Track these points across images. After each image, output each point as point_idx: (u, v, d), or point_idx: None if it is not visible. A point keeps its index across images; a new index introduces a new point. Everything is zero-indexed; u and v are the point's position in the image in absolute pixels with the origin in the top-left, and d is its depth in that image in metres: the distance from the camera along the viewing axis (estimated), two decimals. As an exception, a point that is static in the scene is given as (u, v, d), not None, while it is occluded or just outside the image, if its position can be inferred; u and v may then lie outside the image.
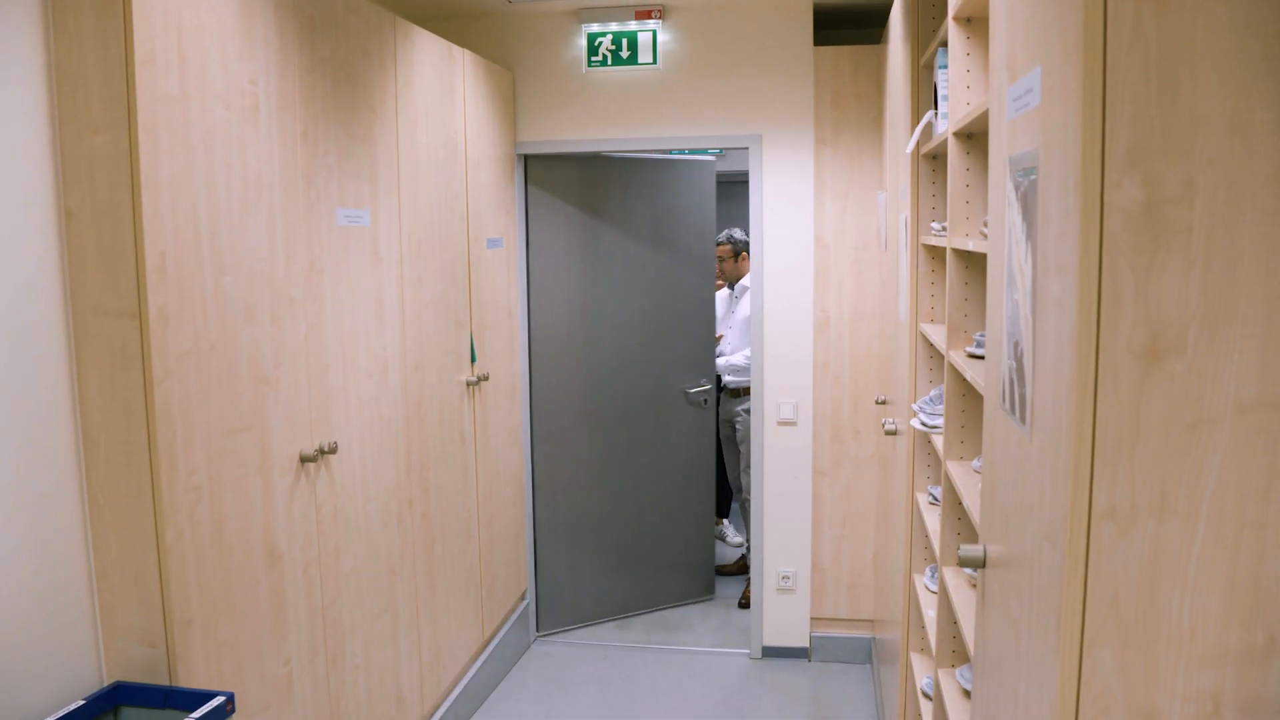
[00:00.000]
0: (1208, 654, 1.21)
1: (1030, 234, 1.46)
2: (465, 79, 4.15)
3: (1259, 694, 1.21)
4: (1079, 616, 1.24)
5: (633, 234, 5.23)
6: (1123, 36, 1.16)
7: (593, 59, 4.69)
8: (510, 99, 4.72)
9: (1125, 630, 1.23)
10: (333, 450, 2.94)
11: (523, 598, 5.04)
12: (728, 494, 6.65)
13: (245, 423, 2.55)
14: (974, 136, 2.54)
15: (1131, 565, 1.22)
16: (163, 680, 2.30)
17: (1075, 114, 1.20)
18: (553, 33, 4.72)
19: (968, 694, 2.44)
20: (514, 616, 4.87)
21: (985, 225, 2.31)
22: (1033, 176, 1.44)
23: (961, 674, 2.52)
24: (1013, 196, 1.58)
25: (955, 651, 2.64)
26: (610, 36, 4.66)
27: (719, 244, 5.87)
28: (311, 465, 2.87)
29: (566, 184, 5.04)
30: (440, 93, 3.88)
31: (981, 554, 1.81)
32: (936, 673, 2.64)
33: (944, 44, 2.76)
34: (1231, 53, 1.14)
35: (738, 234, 5.87)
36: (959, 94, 2.55)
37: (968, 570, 2.51)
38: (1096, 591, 1.23)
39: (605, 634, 5.24)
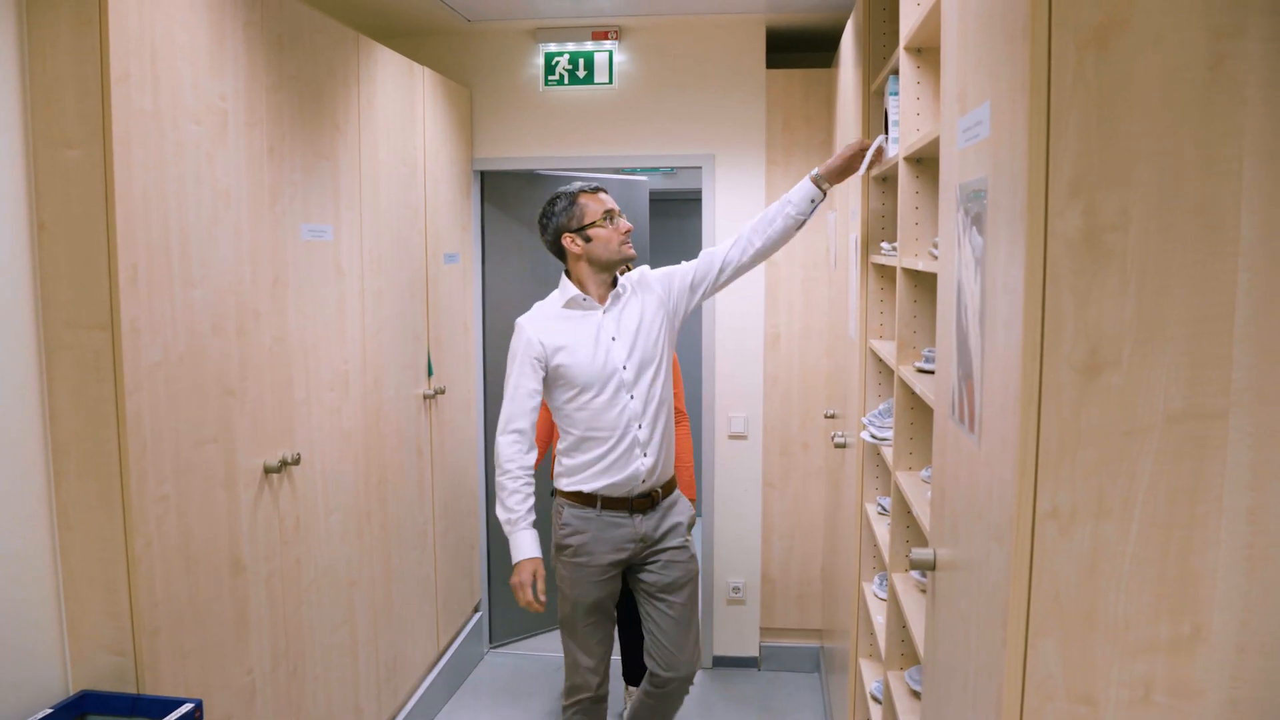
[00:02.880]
0: (1140, 644, 1.32)
1: (979, 256, 1.57)
2: (425, 96, 4.21)
3: (1186, 680, 1.32)
4: (1024, 611, 1.34)
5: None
6: (1065, 78, 1.27)
7: (549, 78, 4.78)
8: (468, 116, 4.79)
9: (1066, 623, 1.33)
10: (296, 461, 2.98)
11: (476, 609, 5.08)
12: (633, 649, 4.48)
13: (212, 434, 2.59)
14: (923, 161, 2.66)
15: (1072, 563, 1.32)
16: (130, 689, 2.32)
17: (1022, 148, 1.31)
18: (510, 51, 4.80)
19: (916, 695, 2.54)
20: (467, 628, 4.91)
21: (934, 246, 2.43)
22: (982, 201, 1.55)
23: (910, 675, 2.62)
24: (962, 220, 1.69)
25: (904, 654, 2.74)
26: (567, 56, 4.75)
27: None
28: (275, 476, 2.91)
29: (519, 200, 5.10)
30: (401, 110, 3.94)
31: (932, 557, 1.91)
32: (886, 675, 2.74)
33: (895, 71, 2.89)
34: (1163, 95, 1.25)
35: None
36: (909, 120, 2.67)
37: (916, 574, 2.62)
38: (1040, 587, 1.33)
39: (557, 644, 5.27)
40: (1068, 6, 1.26)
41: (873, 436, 3.04)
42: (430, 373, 4.30)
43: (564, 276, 3.28)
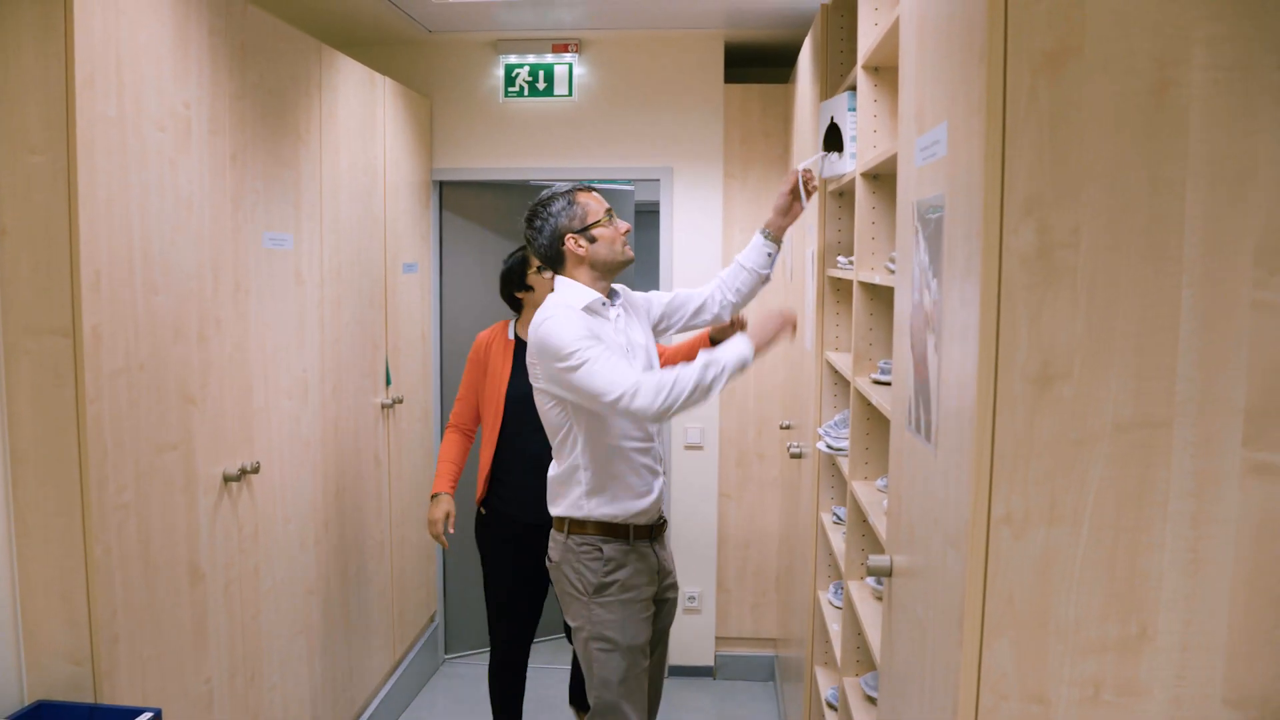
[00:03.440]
0: (1090, 643, 1.38)
1: (936, 270, 1.63)
2: (386, 106, 4.22)
3: (1133, 678, 1.38)
4: (979, 613, 1.39)
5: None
6: (1020, 101, 1.33)
7: (510, 89, 4.80)
8: (427, 126, 4.80)
9: (1020, 624, 1.39)
10: (255, 470, 2.97)
11: (432, 619, 5.07)
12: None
13: (172, 441, 2.58)
14: (880, 177, 2.73)
15: (1025, 566, 1.38)
16: (87, 698, 2.30)
17: (978, 167, 1.36)
18: (471, 63, 4.82)
19: (872, 700, 2.59)
20: (424, 638, 4.90)
21: (891, 261, 2.49)
22: (939, 215, 1.61)
23: (865, 681, 2.67)
24: (920, 234, 1.74)
25: (860, 661, 2.79)
26: (527, 68, 4.78)
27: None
28: (234, 484, 2.90)
29: (482, 210, 5.12)
30: (362, 119, 3.95)
31: (889, 564, 1.96)
32: (842, 681, 2.79)
33: (852, 88, 2.95)
34: (1112, 119, 1.32)
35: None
36: (866, 137, 2.73)
37: (872, 581, 2.67)
38: (995, 590, 1.39)
39: (513, 655, 5.29)
40: (1023, 32, 1.32)
41: (829, 447, 3.10)
42: (388, 382, 4.30)
43: (561, 280, 2.89)
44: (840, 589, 3.22)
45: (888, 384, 2.54)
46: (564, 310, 2.76)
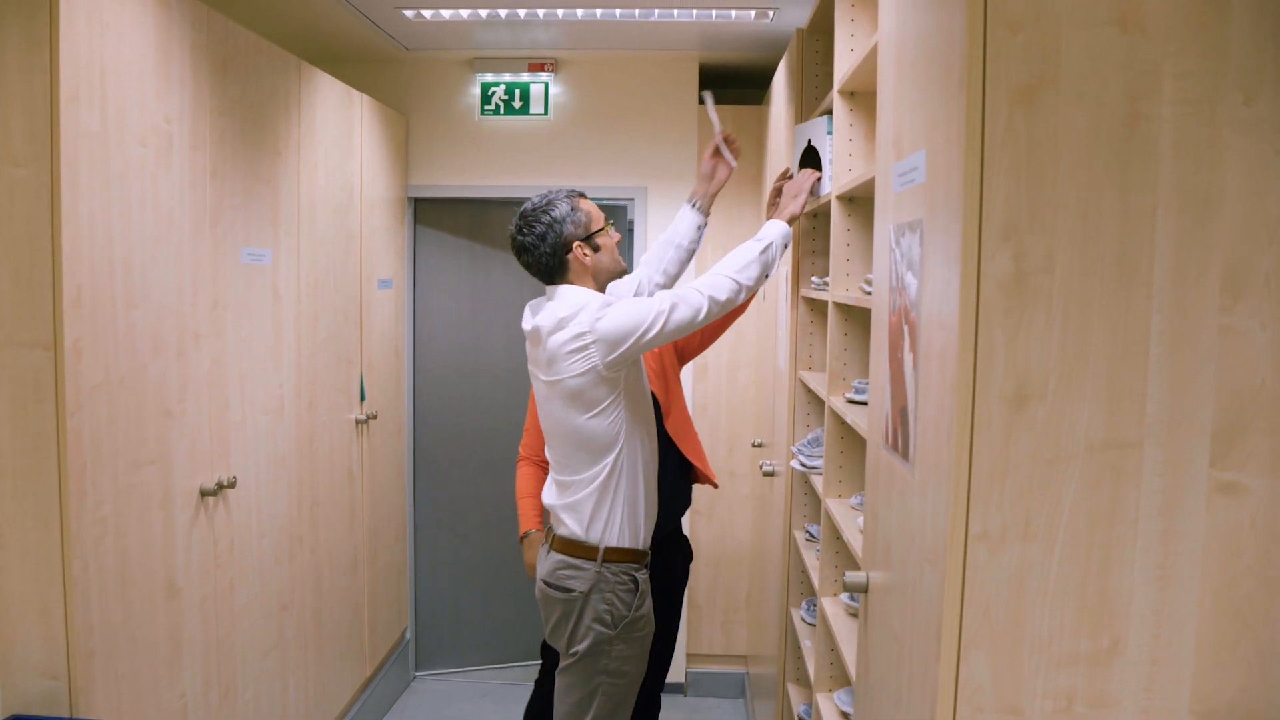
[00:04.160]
0: (1063, 657, 1.42)
1: (914, 295, 1.67)
2: (363, 122, 4.24)
3: (1104, 691, 1.42)
4: (956, 627, 1.43)
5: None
6: (997, 131, 1.38)
7: (485, 108, 4.83)
8: (403, 143, 4.82)
9: (995, 638, 1.43)
10: (232, 485, 2.97)
11: (403, 635, 5.06)
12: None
13: (150, 456, 2.58)
14: (855, 200, 2.78)
15: (1001, 581, 1.42)
16: (63, 713, 2.29)
17: (957, 194, 1.41)
18: (447, 81, 4.85)
19: (846, 716, 2.62)
20: (395, 654, 4.88)
21: (866, 282, 2.54)
22: (918, 238, 1.65)
23: (839, 697, 2.70)
24: (899, 255, 1.79)
25: (833, 677, 2.82)
26: (503, 87, 4.81)
27: None
28: (211, 499, 2.89)
29: (456, 226, 5.14)
30: (339, 136, 3.96)
31: (865, 580, 2.00)
32: (815, 698, 2.82)
33: (827, 112, 3.01)
34: (1086, 149, 1.37)
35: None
36: (842, 160, 2.79)
37: (845, 598, 2.71)
38: (971, 604, 1.43)
39: (485, 674, 5.28)
40: (1001, 64, 1.37)
41: (802, 465, 3.13)
42: (363, 397, 4.30)
43: (567, 289, 2.67)
44: (813, 606, 3.25)
45: (863, 403, 2.59)
46: (608, 297, 2.67)
